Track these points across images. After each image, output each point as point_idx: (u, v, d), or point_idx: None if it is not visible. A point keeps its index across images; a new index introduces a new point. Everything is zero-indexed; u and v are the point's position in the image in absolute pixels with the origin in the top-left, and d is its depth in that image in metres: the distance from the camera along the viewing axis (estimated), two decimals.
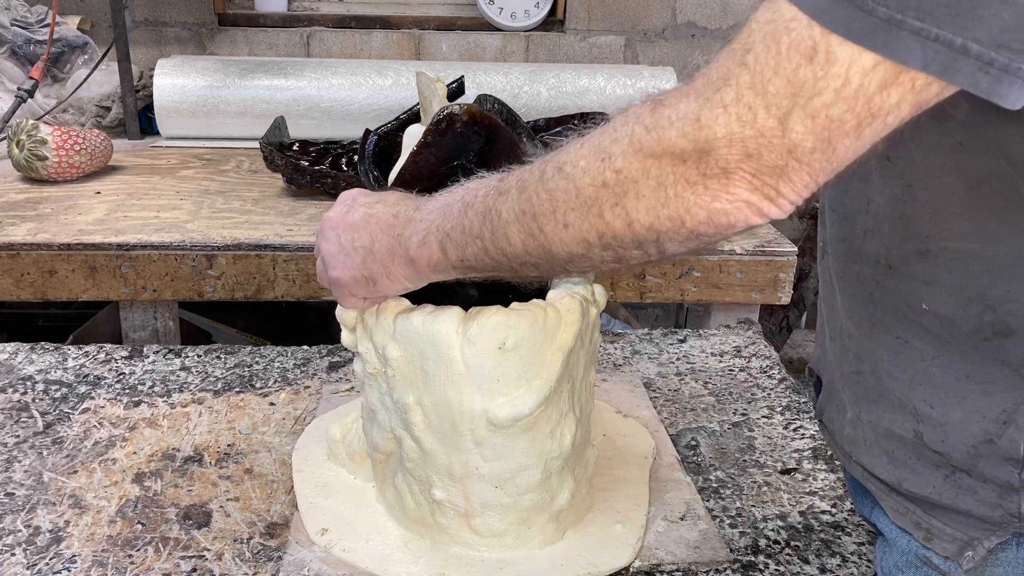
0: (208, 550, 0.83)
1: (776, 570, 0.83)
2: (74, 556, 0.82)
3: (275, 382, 1.15)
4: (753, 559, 0.84)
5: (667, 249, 0.58)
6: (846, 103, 0.49)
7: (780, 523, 0.89)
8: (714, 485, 0.95)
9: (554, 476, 0.81)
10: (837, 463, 0.99)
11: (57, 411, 1.07)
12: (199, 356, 1.21)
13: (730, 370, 1.22)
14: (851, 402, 0.74)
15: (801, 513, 0.91)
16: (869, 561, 0.84)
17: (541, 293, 0.82)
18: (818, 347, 0.85)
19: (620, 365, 1.22)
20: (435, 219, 0.69)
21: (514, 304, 0.77)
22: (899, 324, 0.68)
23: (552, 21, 2.60)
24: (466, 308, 0.78)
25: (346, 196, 0.79)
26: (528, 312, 0.76)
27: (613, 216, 0.57)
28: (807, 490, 0.95)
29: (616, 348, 1.27)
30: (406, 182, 0.85)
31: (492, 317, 0.75)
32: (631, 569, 0.82)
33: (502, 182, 0.64)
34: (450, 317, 0.75)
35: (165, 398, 1.10)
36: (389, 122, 1.70)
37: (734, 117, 0.50)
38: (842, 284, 0.73)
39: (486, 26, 2.57)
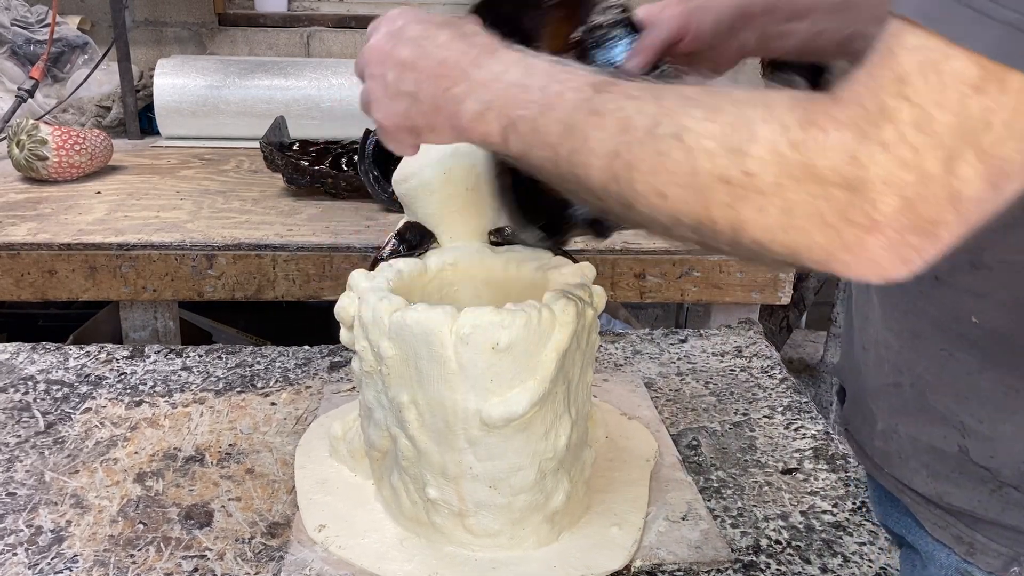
0: (210, 550, 0.83)
1: (777, 570, 0.83)
2: (76, 556, 0.82)
3: (276, 382, 1.15)
4: (754, 559, 0.84)
5: (755, 260, 0.54)
6: (1017, 140, 0.44)
7: (781, 523, 0.89)
8: (715, 485, 0.95)
9: (549, 477, 0.81)
10: (839, 463, 0.99)
11: (58, 411, 1.07)
12: (200, 356, 1.21)
13: (731, 370, 1.22)
14: (885, 414, 0.72)
15: (802, 513, 0.91)
16: (870, 561, 0.84)
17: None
18: (843, 356, 0.82)
19: (621, 365, 1.22)
20: (499, 95, 0.61)
21: (508, 304, 0.77)
22: (945, 337, 0.65)
23: None
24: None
25: (394, 18, 0.68)
26: (522, 312, 0.76)
27: (721, 214, 0.50)
28: (808, 490, 0.95)
29: (617, 348, 1.27)
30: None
31: (486, 316, 0.75)
32: (632, 569, 0.82)
33: (599, 94, 0.56)
34: (444, 316, 0.75)
35: (166, 398, 1.10)
36: None
37: (895, 159, 0.45)
38: (882, 295, 0.70)
39: None
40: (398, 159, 1.77)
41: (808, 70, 0.81)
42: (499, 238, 0.93)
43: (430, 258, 0.91)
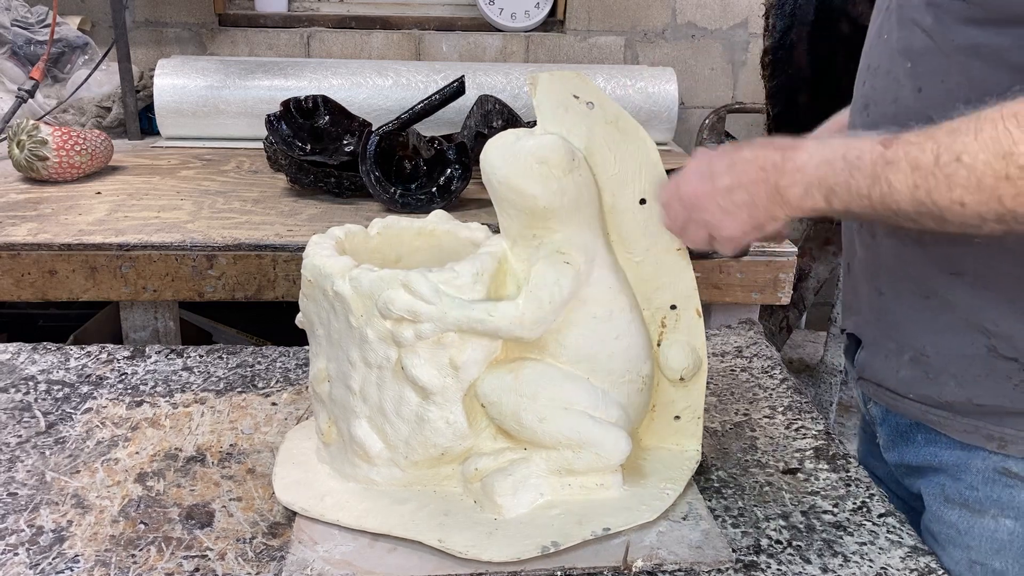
0: (211, 550, 0.83)
1: (778, 570, 0.83)
2: (77, 556, 0.82)
3: (277, 382, 1.15)
4: (755, 559, 0.84)
5: None
6: None
7: (782, 523, 0.89)
8: (716, 485, 0.95)
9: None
10: (839, 463, 0.99)
11: (59, 411, 1.07)
12: (201, 356, 1.21)
13: (732, 370, 1.22)
14: (914, 341, 0.90)
15: (803, 513, 0.91)
16: (871, 561, 0.84)
17: None
18: (854, 314, 1.00)
19: None
20: (814, 176, 0.78)
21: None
22: (957, 259, 0.84)
23: (552, 21, 2.60)
24: None
25: (699, 167, 0.85)
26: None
27: (1015, 203, 0.69)
28: (809, 490, 0.95)
29: None
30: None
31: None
32: (633, 569, 0.82)
33: (888, 150, 0.74)
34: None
35: (167, 398, 1.10)
36: (390, 122, 1.70)
37: None
38: (900, 237, 0.88)
39: (486, 26, 2.57)
40: (398, 159, 1.78)
41: None
42: None
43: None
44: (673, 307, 0.94)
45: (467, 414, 0.87)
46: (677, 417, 0.97)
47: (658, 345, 0.95)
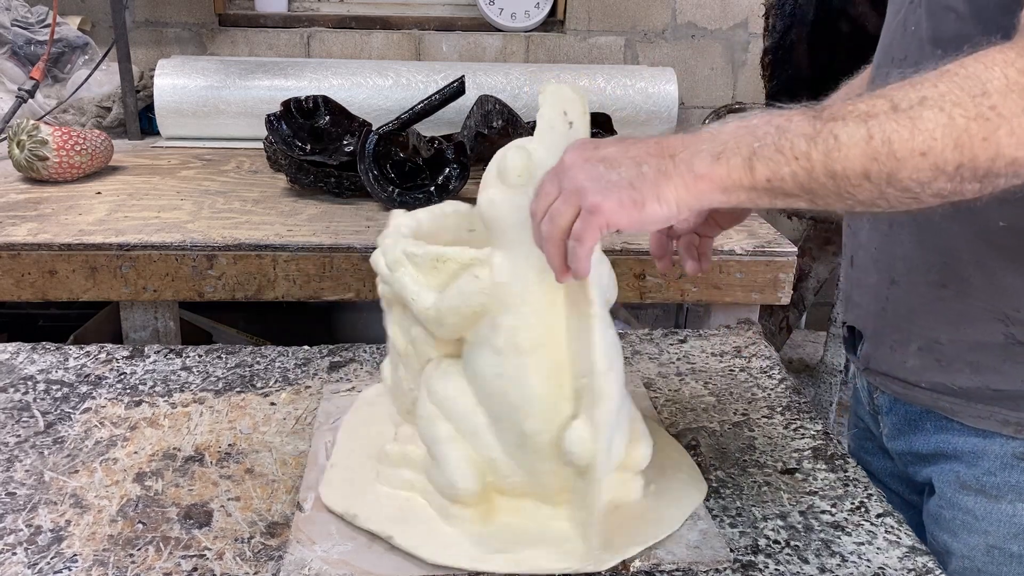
0: (209, 549, 0.83)
1: (776, 570, 0.83)
2: (75, 555, 0.82)
3: (276, 382, 1.15)
4: (753, 559, 0.84)
5: (1007, 184, 0.64)
6: None
7: (780, 523, 0.89)
8: (714, 485, 0.95)
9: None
10: (837, 463, 0.99)
11: (58, 411, 1.07)
12: (200, 356, 1.21)
13: (730, 370, 1.22)
14: (926, 330, 0.89)
15: (801, 513, 0.91)
16: (868, 561, 0.84)
17: None
18: (855, 306, 1.00)
19: None
20: (732, 139, 0.67)
21: None
22: (978, 245, 0.83)
23: (552, 21, 2.60)
24: None
25: (584, 141, 0.73)
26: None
27: (980, 148, 0.62)
28: (807, 490, 0.95)
29: None
30: None
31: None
32: (631, 569, 0.82)
33: (824, 111, 0.66)
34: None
35: (166, 398, 1.10)
36: (390, 122, 1.71)
37: None
38: (917, 224, 0.86)
39: (486, 26, 2.57)
40: (397, 159, 1.77)
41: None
42: None
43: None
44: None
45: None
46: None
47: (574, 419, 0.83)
